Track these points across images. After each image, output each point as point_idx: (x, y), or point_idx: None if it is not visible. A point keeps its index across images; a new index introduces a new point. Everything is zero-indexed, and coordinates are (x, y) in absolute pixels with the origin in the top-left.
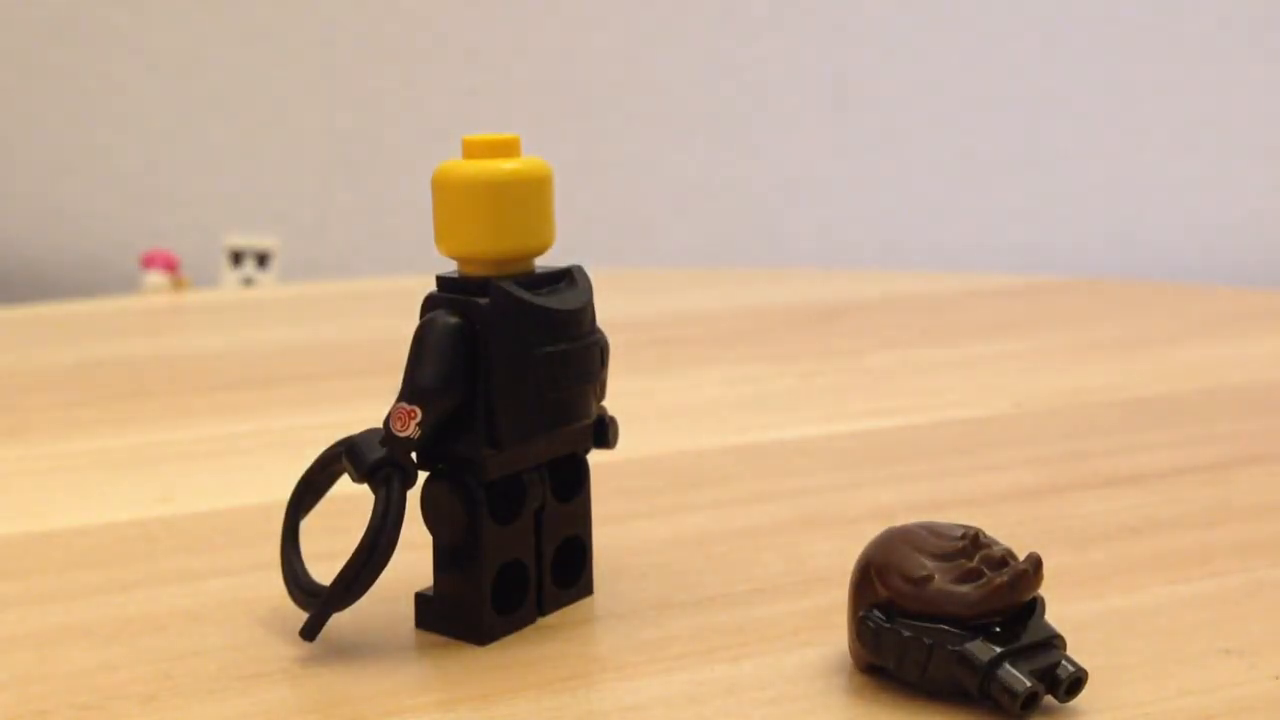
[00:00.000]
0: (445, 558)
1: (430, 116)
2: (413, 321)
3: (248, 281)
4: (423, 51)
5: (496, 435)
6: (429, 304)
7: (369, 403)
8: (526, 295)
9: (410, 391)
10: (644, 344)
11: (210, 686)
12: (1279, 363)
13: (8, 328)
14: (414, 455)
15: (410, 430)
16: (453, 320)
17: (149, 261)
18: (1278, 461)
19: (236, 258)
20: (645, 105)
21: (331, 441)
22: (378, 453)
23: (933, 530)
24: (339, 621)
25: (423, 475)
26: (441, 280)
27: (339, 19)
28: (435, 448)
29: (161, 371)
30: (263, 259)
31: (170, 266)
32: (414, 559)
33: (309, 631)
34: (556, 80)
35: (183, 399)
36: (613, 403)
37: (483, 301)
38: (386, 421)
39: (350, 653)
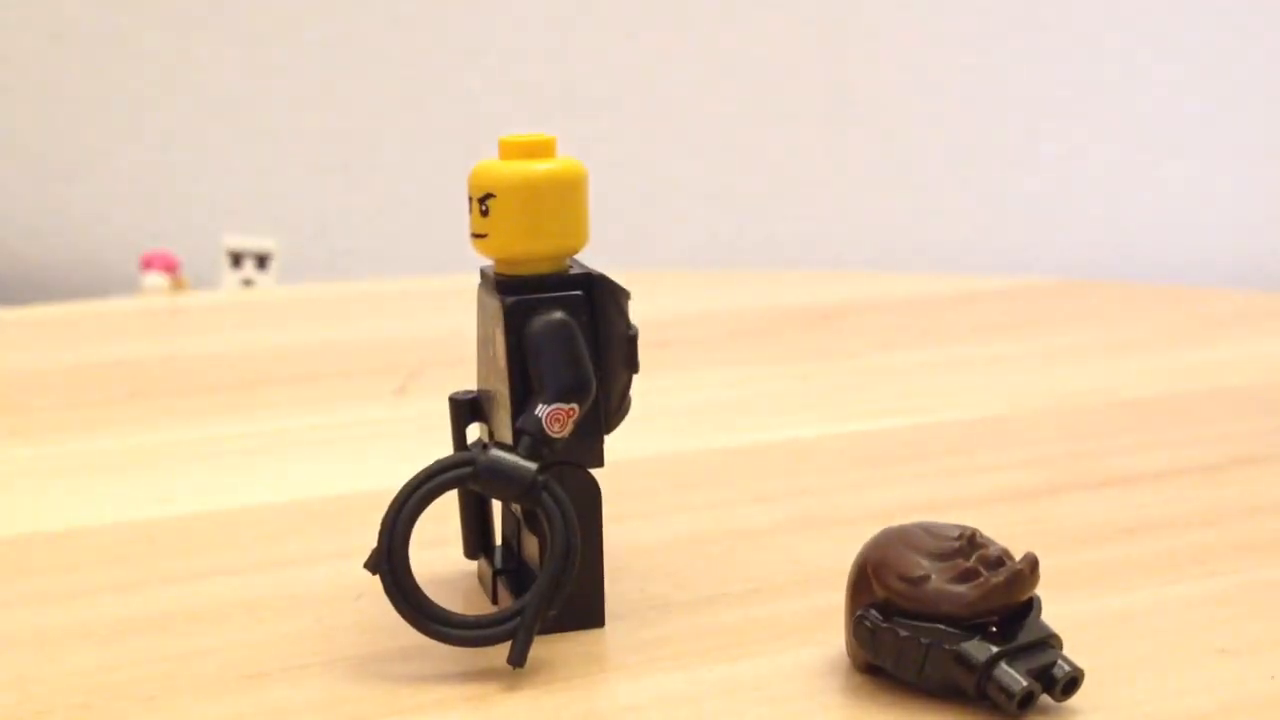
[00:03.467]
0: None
1: (430, 117)
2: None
3: (247, 283)
4: (422, 52)
5: (609, 420)
6: (525, 307)
7: (368, 403)
8: (620, 284)
9: (565, 391)
10: (644, 344)
11: (210, 686)
12: (1277, 363)
13: (8, 328)
14: None
15: (567, 430)
16: (574, 318)
17: (149, 263)
18: (1275, 462)
19: (236, 259)
20: (646, 106)
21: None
22: (529, 466)
23: (929, 530)
24: (340, 622)
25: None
26: (530, 281)
27: (339, 19)
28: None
29: (161, 372)
30: (262, 260)
31: (170, 268)
32: (422, 559)
33: (519, 657)
34: (556, 81)
35: (182, 400)
36: None
37: (580, 294)
38: (537, 426)
39: (350, 653)
